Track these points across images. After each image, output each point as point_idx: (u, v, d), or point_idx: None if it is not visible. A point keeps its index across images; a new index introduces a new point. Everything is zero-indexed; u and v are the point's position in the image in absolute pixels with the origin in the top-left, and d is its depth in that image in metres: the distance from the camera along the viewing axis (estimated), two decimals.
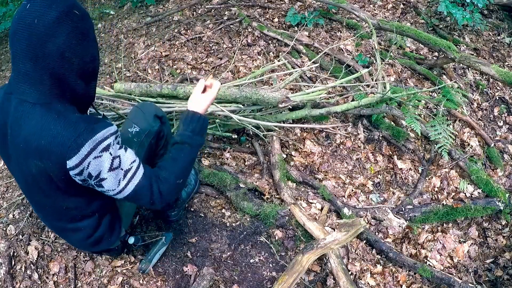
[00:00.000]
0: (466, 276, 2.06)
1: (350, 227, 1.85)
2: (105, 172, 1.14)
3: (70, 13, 1.09)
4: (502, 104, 3.04)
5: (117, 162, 1.16)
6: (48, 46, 1.06)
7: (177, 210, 1.99)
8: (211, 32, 3.23)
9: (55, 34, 1.06)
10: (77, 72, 1.14)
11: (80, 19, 1.11)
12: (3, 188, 2.22)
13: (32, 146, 1.10)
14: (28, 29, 1.04)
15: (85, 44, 1.14)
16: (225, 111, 2.05)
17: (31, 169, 1.15)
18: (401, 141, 2.51)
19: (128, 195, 1.21)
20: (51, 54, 1.06)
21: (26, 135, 1.11)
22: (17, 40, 1.06)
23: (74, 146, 1.07)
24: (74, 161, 1.08)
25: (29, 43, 1.05)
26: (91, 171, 1.12)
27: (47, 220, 1.48)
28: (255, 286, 1.84)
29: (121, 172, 1.17)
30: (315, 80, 2.82)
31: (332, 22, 3.42)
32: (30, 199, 1.42)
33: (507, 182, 2.56)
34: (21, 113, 1.12)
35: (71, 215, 1.36)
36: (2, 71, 3.47)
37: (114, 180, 1.16)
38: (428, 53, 3.24)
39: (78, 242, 1.54)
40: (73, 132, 1.08)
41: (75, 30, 1.10)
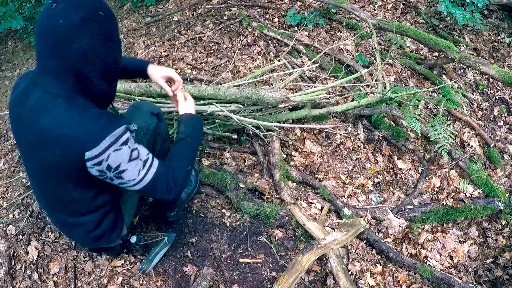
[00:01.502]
0: (466, 276, 2.06)
1: (350, 227, 1.85)
2: (125, 163, 1.18)
3: (96, 15, 1.11)
4: (502, 104, 3.04)
5: (136, 154, 1.21)
6: (72, 47, 1.09)
7: (176, 211, 1.99)
8: (211, 32, 3.23)
9: (80, 35, 1.08)
10: (99, 72, 1.17)
11: (104, 21, 1.14)
12: (3, 188, 2.22)
13: (51, 134, 1.13)
14: (53, 29, 1.07)
15: (109, 45, 1.16)
16: (225, 111, 2.05)
17: (45, 157, 1.18)
18: (401, 141, 2.51)
19: (147, 184, 1.25)
20: (74, 54, 1.09)
21: (46, 124, 1.14)
22: (43, 39, 1.09)
23: (95, 139, 1.11)
24: (93, 152, 1.12)
25: (54, 43, 1.08)
26: (111, 163, 1.15)
27: (50, 211, 1.48)
28: (255, 286, 1.84)
29: (140, 162, 1.22)
30: (315, 80, 2.82)
31: (332, 22, 3.41)
32: (36, 187, 1.42)
33: (507, 182, 2.56)
34: (43, 103, 1.15)
35: (75, 208, 1.36)
36: (2, 71, 3.47)
37: (134, 170, 1.21)
38: (428, 53, 3.24)
39: (78, 237, 1.53)
40: (95, 125, 1.13)
41: (99, 32, 1.12)
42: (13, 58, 3.61)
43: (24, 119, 1.20)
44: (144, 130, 1.60)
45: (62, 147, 1.13)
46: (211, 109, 2.08)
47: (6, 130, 2.65)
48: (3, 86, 3.26)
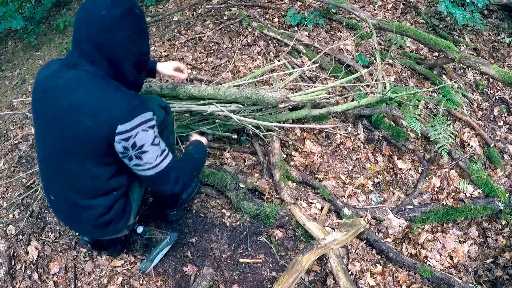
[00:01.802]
0: (466, 276, 2.06)
1: (350, 227, 1.85)
2: (148, 145, 1.28)
3: (132, 11, 1.26)
4: (502, 104, 3.04)
5: (157, 141, 1.32)
6: (111, 36, 1.22)
7: (176, 210, 1.99)
8: (211, 32, 3.23)
9: (119, 27, 1.22)
10: (132, 62, 1.31)
11: (139, 17, 1.29)
12: (3, 188, 2.22)
13: (87, 105, 1.22)
14: (94, 19, 1.21)
15: (141, 39, 1.32)
16: (225, 111, 2.05)
17: (75, 128, 1.25)
18: (401, 141, 2.51)
19: (160, 171, 1.34)
20: (113, 43, 1.23)
21: (82, 96, 1.23)
22: (84, 26, 1.22)
23: (129, 114, 1.22)
24: (125, 126, 1.22)
25: (95, 32, 1.21)
26: (137, 141, 1.25)
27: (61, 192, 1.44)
28: (255, 286, 1.84)
29: (159, 149, 1.32)
30: (315, 80, 2.82)
31: (332, 22, 3.41)
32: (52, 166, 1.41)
33: (507, 182, 2.56)
34: (79, 78, 1.25)
35: (90, 187, 1.38)
36: (2, 71, 3.47)
37: (153, 154, 1.30)
38: (428, 53, 3.24)
39: (86, 222, 1.48)
40: (130, 103, 1.25)
41: (135, 26, 1.27)
42: (13, 58, 3.61)
43: (55, 93, 1.27)
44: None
45: (96, 117, 1.22)
46: (211, 109, 2.08)
47: (6, 130, 2.65)
48: (3, 86, 3.26)
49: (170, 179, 1.38)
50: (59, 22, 3.66)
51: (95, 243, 1.77)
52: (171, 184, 1.40)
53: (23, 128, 2.61)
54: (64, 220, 1.61)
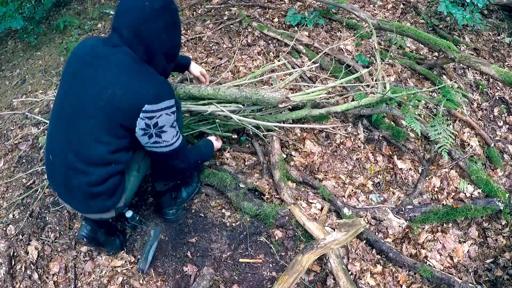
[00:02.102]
0: (466, 276, 2.06)
1: (350, 227, 1.85)
2: (168, 126, 1.44)
3: (171, 6, 1.42)
4: (502, 104, 3.04)
5: (175, 124, 1.48)
6: (151, 26, 1.38)
7: (175, 209, 1.99)
8: (211, 32, 3.23)
9: (158, 18, 1.38)
10: (164, 52, 1.47)
11: (175, 12, 1.45)
12: (3, 188, 2.22)
13: (122, 79, 1.35)
14: (137, 9, 1.36)
15: (176, 32, 1.49)
16: (225, 111, 2.05)
17: (105, 93, 1.35)
18: (401, 141, 2.51)
19: (175, 148, 1.51)
20: (150, 33, 1.38)
21: (118, 71, 1.36)
22: (126, 15, 1.38)
23: (157, 98, 1.36)
24: (152, 107, 1.36)
25: (136, 20, 1.36)
26: (159, 121, 1.40)
27: (63, 152, 1.45)
28: (255, 286, 1.84)
29: (175, 131, 1.49)
30: (315, 80, 2.82)
31: (332, 22, 3.41)
32: (64, 124, 1.45)
33: (507, 182, 2.56)
34: (119, 55, 1.38)
35: (94, 153, 1.41)
36: (2, 71, 3.47)
37: (171, 134, 1.47)
38: (428, 53, 3.24)
39: (76, 188, 1.47)
40: (160, 88, 1.40)
41: (172, 19, 1.43)
42: (13, 58, 3.61)
43: (95, 62, 1.39)
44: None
45: (128, 92, 1.34)
46: (211, 109, 2.08)
47: (6, 130, 2.65)
48: (3, 86, 3.26)
49: (179, 156, 1.57)
50: (59, 22, 3.66)
51: (91, 238, 1.75)
52: (180, 160, 1.59)
53: (23, 128, 2.61)
54: (55, 185, 1.58)
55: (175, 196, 2.01)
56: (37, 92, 3.00)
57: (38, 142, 2.45)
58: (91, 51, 1.43)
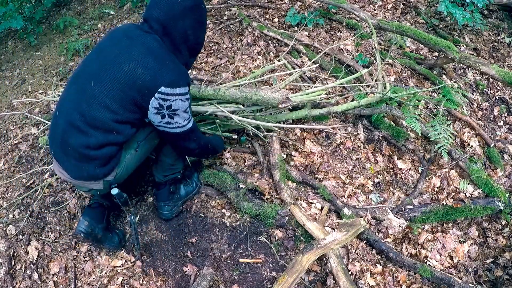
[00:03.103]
0: (466, 276, 2.06)
1: (350, 227, 1.85)
2: (181, 111, 1.53)
3: (200, 6, 1.55)
4: (502, 104, 3.04)
5: (188, 110, 1.57)
6: (179, 22, 1.50)
7: (171, 205, 1.99)
8: (211, 32, 3.23)
9: (187, 15, 1.50)
10: (188, 46, 1.60)
11: (203, 13, 1.58)
12: (3, 188, 2.22)
13: (145, 59, 1.45)
14: (170, 5, 1.48)
15: (202, 30, 1.62)
16: (225, 112, 2.05)
17: (126, 67, 1.44)
18: (401, 141, 2.51)
19: (186, 130, 1.60)
20: (178, 29, 1.51)
21: (143, 51, 1.46)
22: (158, 9, 1.49)
23: (175, 83, 1.46)
24: (167, 90, 1.45)
25: (167, 15, 1.48)
26: (173, 105, 1.49)
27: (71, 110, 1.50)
28: (255, 286, 1.84)
29: (187, 115, 1.58)
30: (315, 80, 2.82)
31: (332, 22, 3.41)
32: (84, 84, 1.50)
33: (507, 182, 2.56)
34: (147, 38, 1.50)
35: (99, 117, 1.46)
36: (2, 71, 3.47)
37: (183, 118, 1.56)
38: (428, 53, 3.24)
39: (72, 146, 1.48)
40: (179, 74, 1.49)
41: (199, 18, 1.56)
42: (13, 58, 3.61)
43: (124, 39, 1.50)
44: None
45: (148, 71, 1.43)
46: (211, 109, 2.08)
47: (6, 130, 2.65)
48: (3, 86, 3.26)
49: (191, 137, 1.66)
50: (59, 22, 3.66)
51: (89, 233, 1.75)
52: (192, 141, 1.69)
53: (23, 128, 2.62)
54: (53, 144, 1.57)
55: (173, 190, 2.00)
56: (37, 92, 3.00)
57: (38, 142, 2.45)
58: (124, 32, 1.54)
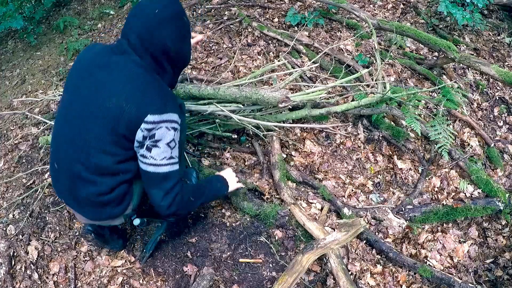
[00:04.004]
0: (466, 276, 2.06)
1: (350, 227, 1.85)
2: (163, 142, 1.34)
3: (180, 17, 1.40)
4: (502, 104, 3.04)
5: (173, 145, 1.37)
6: (156, 32, 1.35)
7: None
8: (211, 32, 3.23)
9: (165, 27, 1.35)
10: (170, 62, 1.43)
11: (185, 25, 1.43)
12: (3, 188, 2.22)
13: (126, 89, 1.31)
14: (147, 15, 1.34)
15: (183, 44, 1.45)
16: (225, 111, 2.05)
17: (109, 103, 1.32)
18: (401, 141, 2.51)
19: (159, 173, 1.37)
20: (156, 39, 1.35)
21: (124, 80, 1.33)
22: (135, 20, 1.36)
23: (161, 109, 1.31)
24: (153, 118, 1.30)
25: (144, 26, 1.34)
26: (157, 133, 1.32)
27: (67, 159, 1.43)
28: (255, 286, 1.84)
29: (169, 153, 1.37)
30: (315, 80, 2.82)
31: (332, 22, 3.41)
32: (67, 132, 1.42)
33: (507, 182, 2.56)
34: (125, 63, 1.36)
35: (100, 163, 1.38)
36: (2, 71, 3.47)
37: (162, 153, 1.35)
38: (428, 53, 3.24)
39: (84, 197, 1.46)
40: (164, 99, 1.35)
41: (179, 30, 1.40)
42: (13, 58, 3.61)
43: (100, 70, 1.36)
44: None
45: (132, 102, 1.30)
46: (211, 109, 2.08)
47: (6, 130, 2.65)
48: (3, 86, 3.26)
49: (163, 185, 1.40)
50: (59, 22, 3.66)
51: (98, 233, 1.75)
52: (162, 192, 1.40)
53: (23, 128, 2.62)
54: (61, 193, 1.56)
55: None
56: (37, 92, 3.00)
57: (38, 142, 2.45)
58: (98, 58, 1.40)
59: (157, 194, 1.41)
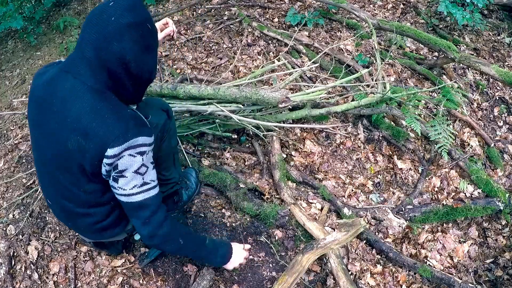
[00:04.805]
0: (466, 276, 2.06)
1: (350, 227, 1.85)
2: (129, 171, 1.20)
3: (143, 24, 1.17)
4: (502, 104, 3.04)
5: (143, 171, 1.22)
6: (114, 44, 1.13)
7: (176, 213, 1.99)
8: (211, 32, 3.23)
9: (123, 36, 1.14)
10: (131, 76, 1.21)
11: (149, 33, 1.21)
12: (3, 188, 2.22)
13: (81, 124, 1.16)
14: (103, 23, 1.13)
15: (146, 56, 1.22)
16: (225, 111, 2.05)
17: (69, 144, 1.19)
18: (401, 141, 2.51)
19: (132, 203, 1.24)
20: (114, 52, 1.14)
21: (78, 113, 1.17)
22: (90, 29, 1.15)
23: (121, 139, 1.15)
24: (114, 151, 1.15)
25: (99, 36, 1.13)
26: (119, 164, 1.18)
27: (57, 199, 1.42)
28: (255, 286, 1.84)
29: (140, 180, 1.22)
30: (315, 80, 2.82)
31: (332, 22, 3.41)
32: (47, 175, 1.39)
33: (507, 182, 2.56)
34: (76, 92, 1.18)
35: (86, 199, 1.35)
36: (2, 71, 3.47)
37: (130, 182, 1.21)
38: (428, 53, 3.24)
39: (83, 227, 1.50)
40: (124, 127, 1.16)
41: (141, 39, 1.18)
42: (13, 58, 3.61)
43: (53, 105, 1.21)
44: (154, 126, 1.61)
45: (89, 138, 1.16)
46: (211, 109, 2.08)
47: (6, 130, 2.65)
48: (3, 86, 3.26)
49: (140, 214, 1.27)
50: (59, 22, 3.65)
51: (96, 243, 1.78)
52: (140, 220, 1.28)
53: (23, 128, 2.61)
54: (61, 220, 1.62)
55: (177, 200, 2.00)
56: None
57: None
58: (52, 87, 1.23)
59: (136, 223, 1.30)
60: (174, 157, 1.87)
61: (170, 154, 1.83)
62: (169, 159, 1.84)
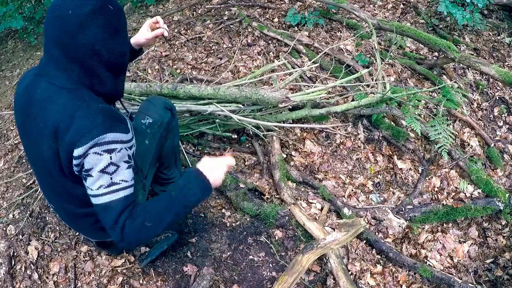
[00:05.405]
0: (466, 276, 2.06)
1: (350, 227, 1.85)
2: (95, 170, 1.10)
3: (104, 7, 1.10)
4: (502, 104, 3.04)
5: (112, 170, 1.12)
6: (79, 37, 1.08)
7: None
8: (211, 32, 3.23)
9: (87, 26, 1.08)
10: (106, 65, 1.16)
11: (113, 14, 1.13)
12: (3, 188, 2.22)
13: (51, 127, 1.11)
14: (61, 18, 1.06)
15: (116, 39, 1.16)
16: (225, 111, 2.05)
17: (45, 150, 1.16)
18: (401, 141, 2.51)
19: (99, 202, 1.13)
20: (81, 45, 1.09)
21: (47, 117, 1.13)
22: (50, 27, 1.09)
23: (87, 137, 1.07)
24: (79, 151, 1.08)
25: (61, 32, 1.07)
26: (85, 163, 1.10)
27: (58, 202, 1.43)
28: (255, 286, 1.84)
29: (107, 180, 1.12)
30: (315, 80, 2.82)
31: (332, 22, 3.41)
32: (41, 180, 1.41)
33: (507, 182, 2.56)
34: (47, 95, 1.14)
35: (81, 200, 1.31)
36: (2, 71, 3.47)
37: (96, 182, 1.11)
38: (428, 53, 3.24)
39: (85, 227, 1.51)
40: (90, 124, 1.08)
41: (107, 24, 1.12)
42: (13, 58, 3.61)
43: (31, 111, 1.19)
44: (158, 124, 1.64)
45: (59, 141, 1.11)
46: (211, 109, 2.08)
47: (6, 130, 2.65)
48: (3, 86, 3.26)
49: (105, 218, 1.14)
50: None
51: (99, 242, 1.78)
52: (106, 225, 1.14)
53: None
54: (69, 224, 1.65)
55: None
56: None
57: None
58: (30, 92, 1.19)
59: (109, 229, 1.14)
60: (176, 156, 1.88)
61: (172, 153, 1.84)
62: (171, 158, 1.85)
